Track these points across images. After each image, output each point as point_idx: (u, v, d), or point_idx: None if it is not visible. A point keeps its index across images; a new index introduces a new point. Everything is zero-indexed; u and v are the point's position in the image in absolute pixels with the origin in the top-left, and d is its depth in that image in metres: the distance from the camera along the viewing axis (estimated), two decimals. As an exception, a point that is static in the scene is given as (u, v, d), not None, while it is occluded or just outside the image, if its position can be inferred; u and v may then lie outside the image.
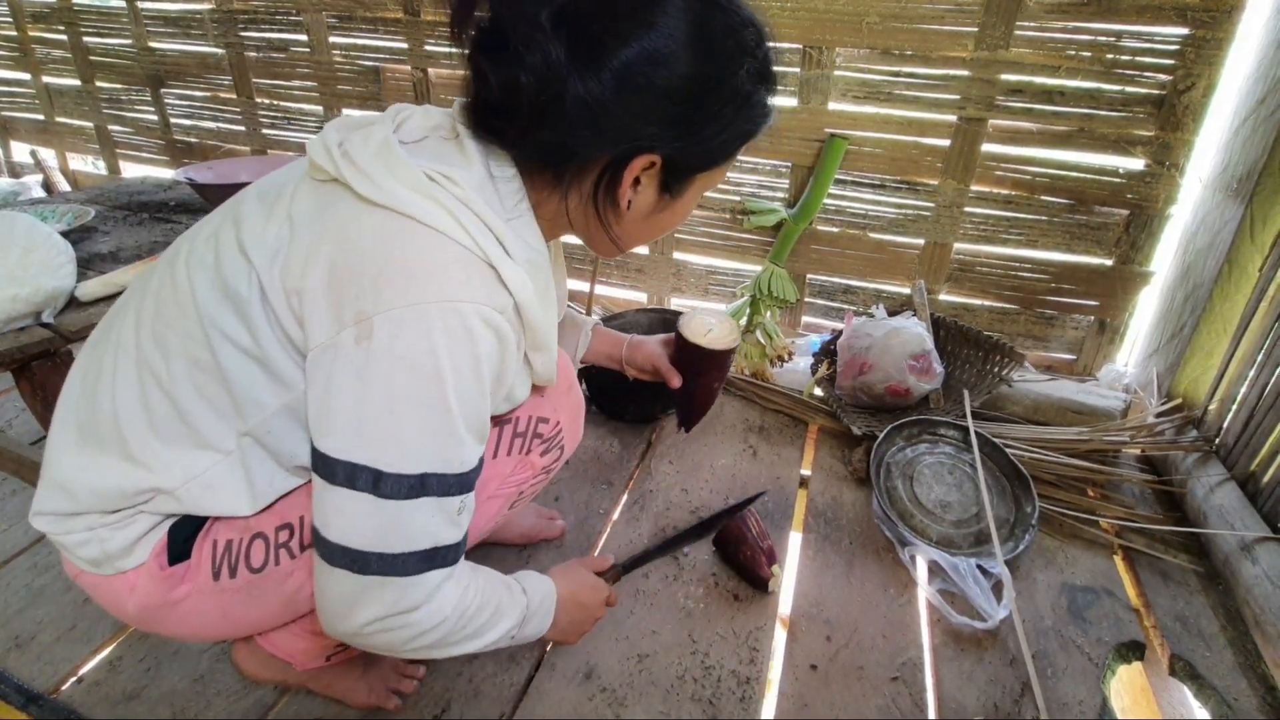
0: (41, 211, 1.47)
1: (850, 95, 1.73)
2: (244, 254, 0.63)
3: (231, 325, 0.63)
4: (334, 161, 0.63)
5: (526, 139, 0.64)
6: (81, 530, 0.68)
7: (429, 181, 0.61)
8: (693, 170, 0.69)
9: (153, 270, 0.72)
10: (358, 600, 0.61)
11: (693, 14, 0.60)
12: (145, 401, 0.65)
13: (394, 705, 0.94)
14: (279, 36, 2.28)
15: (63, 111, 2.87)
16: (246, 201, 0.68)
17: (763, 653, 1.04)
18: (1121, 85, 1.53)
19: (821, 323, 2.03)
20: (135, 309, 0.68)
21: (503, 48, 0.58)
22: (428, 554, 0.62)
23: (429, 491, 0.61)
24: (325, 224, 0.62)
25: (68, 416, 0.69)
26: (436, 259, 0.60)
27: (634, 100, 0.60)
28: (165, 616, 0.72)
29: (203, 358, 0.64)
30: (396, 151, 0.62)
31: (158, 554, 0.69)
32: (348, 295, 0.59)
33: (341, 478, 0.59)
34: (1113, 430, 1.47)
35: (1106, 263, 1.69)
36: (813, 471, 1.45)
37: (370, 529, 0.60)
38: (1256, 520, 1.18)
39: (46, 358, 1.08)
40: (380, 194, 0.60)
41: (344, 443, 0.59)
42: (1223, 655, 1.06)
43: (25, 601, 1.10)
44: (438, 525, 0.63)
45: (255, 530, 0.71)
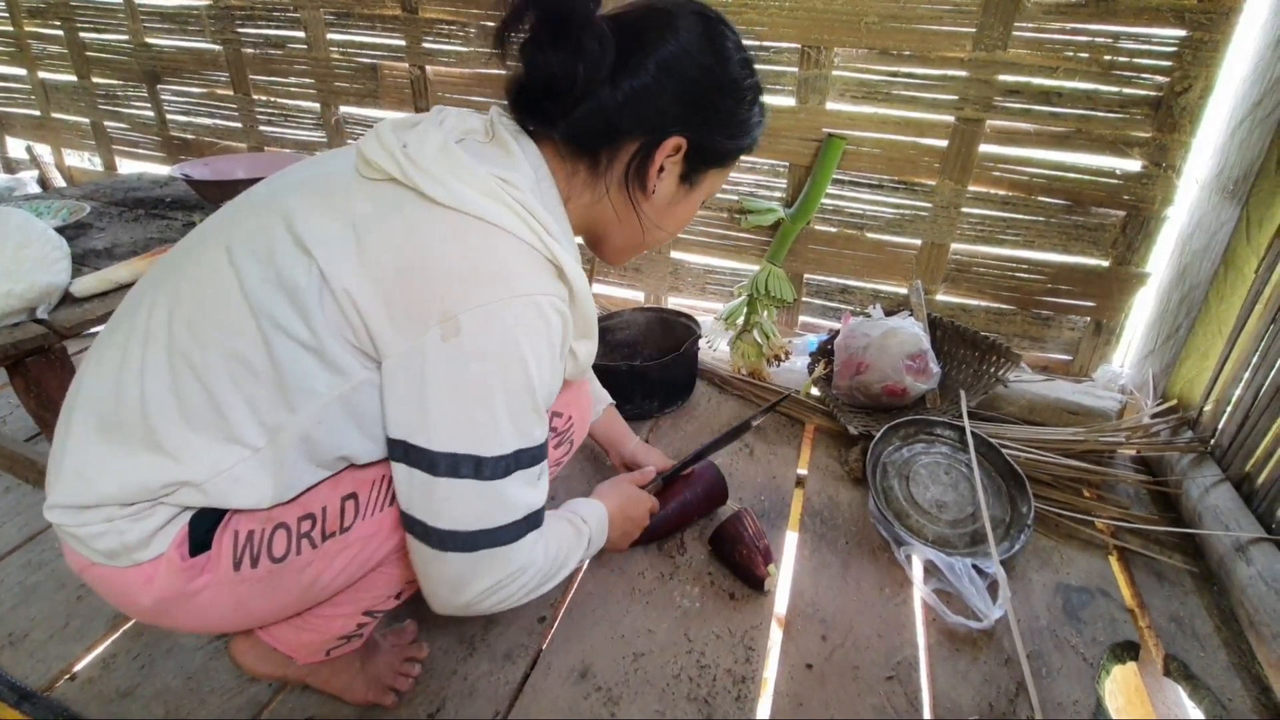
0: (37, 207, 1.46)
1: (848, 95, 1.73)
2: (303, 248, 0.64)
3: (286, 316, 0.64)
4: (398, 163, 0.66)
5: (576, 117, 0.71)
6: (99, 522, 0.66)
7: (496, 183, 0.66)
8: (708, 162, 0.78)
9: (173, 264, 0.71)
10: (471, 575, 0.69)
11: (706, 28, 0.72)
12: (178, 391, 0.65)
13: (391, 701, 0.94)
14: (276, 33, 2.27)
15: (59, 107, 2.85)
16: (291, 195, 0.68)
17: (758, 652, 1.04)
18: (1119, 86, 1.53)
19: (818, 322, 2.03)
20: (168, 299, 0.67)
21: (562, 42, 0.67)
22: (525, 520, 0.70)
23: (520, 465, 0.68)
24: (392, 226, 0.64)
25: (88, 406, 0.67)
26: (510, 257, 0.66)
27: (670, 85, 0.70)
28: (180, 608, 0.71)
29: (244, 349, 0.64)
30: (458, 154, 0.67)
31: (179, 545, 0.68)
32: (429, 296, 0.63)
33: (445, 469, 0.65)
34: (1108, 431, 1.47)
35: (1103, 264, 1.69)
36: (809, 471, 1.46)
37: (478, 510, 0.67)
38: (1251, 521, 1.19)
39: (41, 354, 1.07)
40: (450, 197, 0.64)
41: (445, 436, 0.64)
42: (1217, 655, 1.06)
43: (18, 599, 1.10)
44: (528, 493, 0.70)
45: (278, 520, 0.71)
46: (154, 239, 1.40)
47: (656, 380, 1.59)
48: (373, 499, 0.75)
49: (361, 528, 0.74)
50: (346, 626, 0.83)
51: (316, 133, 2.38)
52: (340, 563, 0.75)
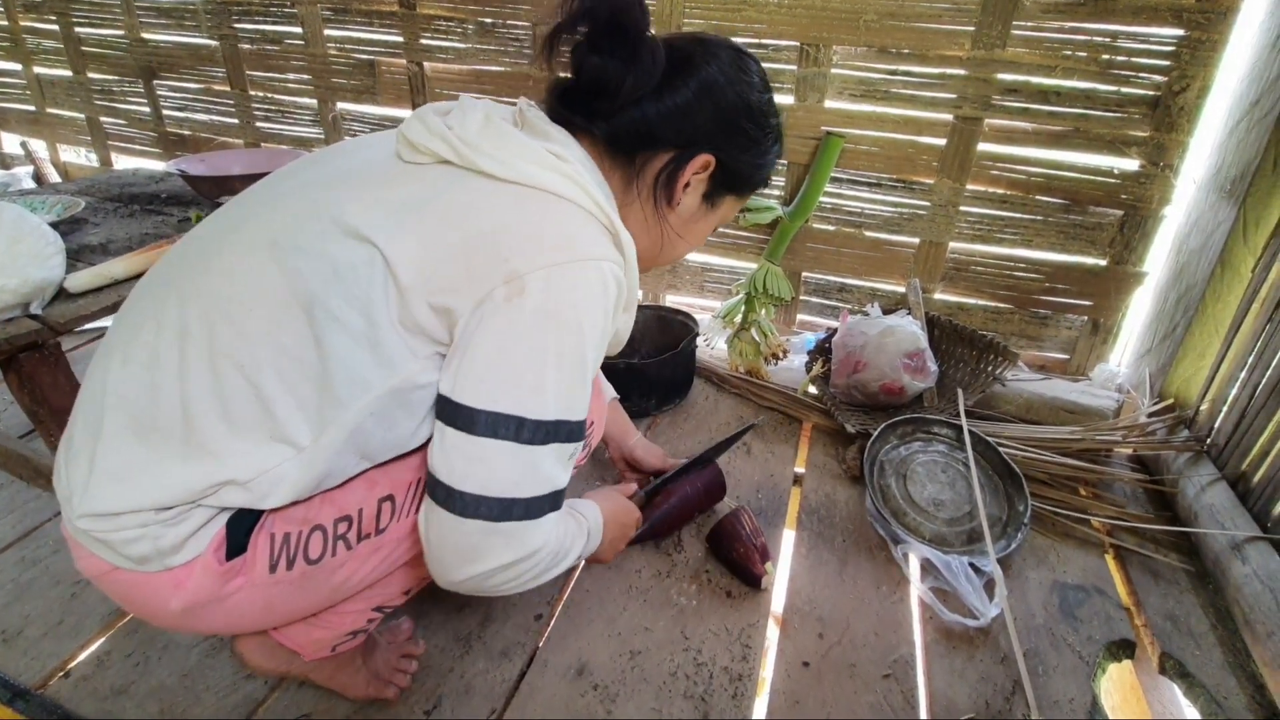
0: (31, 202, 1.45)
1: (847, 93, 1.73)
2: (359, 237, 0.63)
3: (341, 309, 0.63)
4: (450, 145, 0.68)
5: (619, 120, 0.74)
6: (133, 527, 0.64)
7: (550, 156, 0.68)
8: (729, 185, 0.82)
9: (198, 260, 0.68)
10: (487, 549, 0.66)
11: (742, 62, 0.77)
12: (220, 391, 0.63)
13: (393, 694, 0.94)
14: (273, 28, 2.26)
15: (54, 103, 2.84)
16: (333, 189, 0.68)
17: (755, 650, 1.04)
18: (1117, 86, 1.53)
19: (816, 321, 2.03)
20: (201, 297, 0.65)
21: (618, 51, 0.70)
22: (549, 497, 0.69)
23: (559, 437, 0.67)
24: (451, 203, 0.65)
25: (119, 407, 0.64)
26: (574, 222, 0.68)
27: (708, 106, 0.75)
28: (209, 611, 0.70)
29: (293, 345, 0.63)
30: (505, 128, 0.69)
31: (216, 548, 0.67)
32: (495, 259, 0.64)
33: (483, 427, 0.64)
34: (1105, 430, 1.48)
35: (1100, 263, 1.69)
36: (806, 469, 1.46)
37: (509, 476, 0.65)
38: (1247, 520, 1.19)
39: (35, 350, 1.06)
40: (507, 170, 0.67)
41: (490, 393, 0.64)
42: (1212, 654, 1.07)
43: (12, 596, 1.10)
44: (558, 469, 0.69)
45: (315, 522, 0.71)
46: (149, 235, 1.40)
47: (654, 378, 1.59)
48: (408, 501, 0.74)
49: (396, 529, 0.74)
50: (356, 622, 0.83)
51: (313, 129, 2.37)
52: (372, 564, 0.75)
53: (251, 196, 0.74)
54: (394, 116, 2.26)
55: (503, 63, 2.01)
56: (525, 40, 1.96)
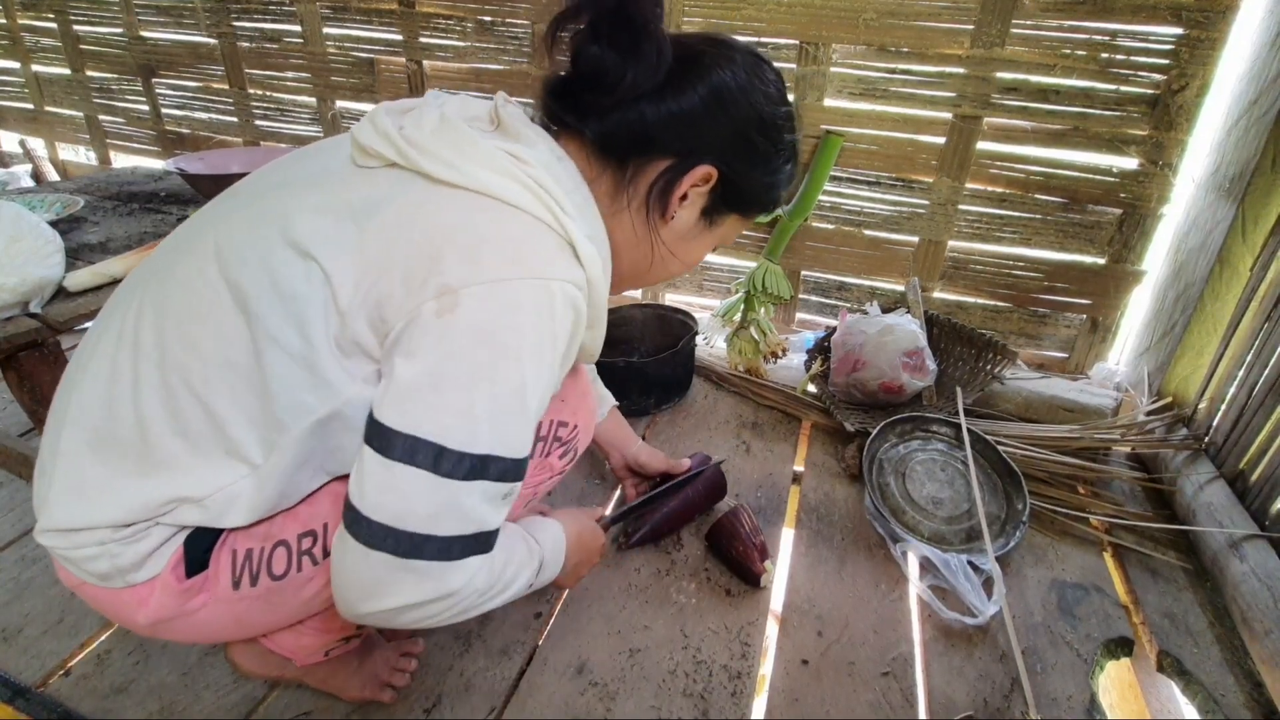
0: (30, 201, 1.45)
1: (846, 92, 1.73)
2: (300, 250, 0.60)
3: (278, 326, 0.60)
4: (396, 147, 0.63)
5: (614, 119, 0.68)
6: (91, 545, 0.63)
7: (506, 159, 0.62)
8: (732, 204, 0.75)
9: (161, 265, 0.67)
10: (393, 584, 0.59)
11: (761, 70, 0.71)
12: (173, 407, 0.61)
13: (389, 698, 0.94)
14: (272, 27, 2.26)
15: (52, 101, 2.83)
16: (284, 195, 0.64)
17: (754, 648, 1.04)
18: (1116, 84, 1.53)
19: (816, 319, 2.03)
20: (154, 308, 0.63)
21: (619, 41, 0.64)
22: (473, 539, 0.61)
23: (487, 475, 0.60)
24: (397, 210, 0.60)
25: (78, 421, 0.63)
26: (524, 235, 0.61)
27: (716, 113, 0.68)
28: (178, 625, 0.69)
29: (240, 360, 0.61)
30: (460, 127, 0.63)
31: (174, 566, 0.66)
32: (431, 270, 0.58)
33: (400, 452, 0.57)
34: (1103, 428, 1.48)
35: (1099, 261, 1.70)
36: (805, 467, 1.46)
37: (423, 509, 0.58)
38: (1245, 518, 1.19)
39: (34, 348, 1.06)
40: (458, 175, 0.61)
41: (411, 416, 0.58)
42: (1210, 651, 1.07)
43: (12, 595, 1.10)
44: (486, 510, 0.62)
45: (278, 538, 0.69)
46: (148, 233, 1.40)
47: (653, 377, 1.59)
48: None
49: None
50: (346, 628, 0.83)
51: (312, 127, 2.37)
52: None
53: (221, 200, 0.71)
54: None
55: (502, 61, 2.01)
56: (525, 38, 1.96)
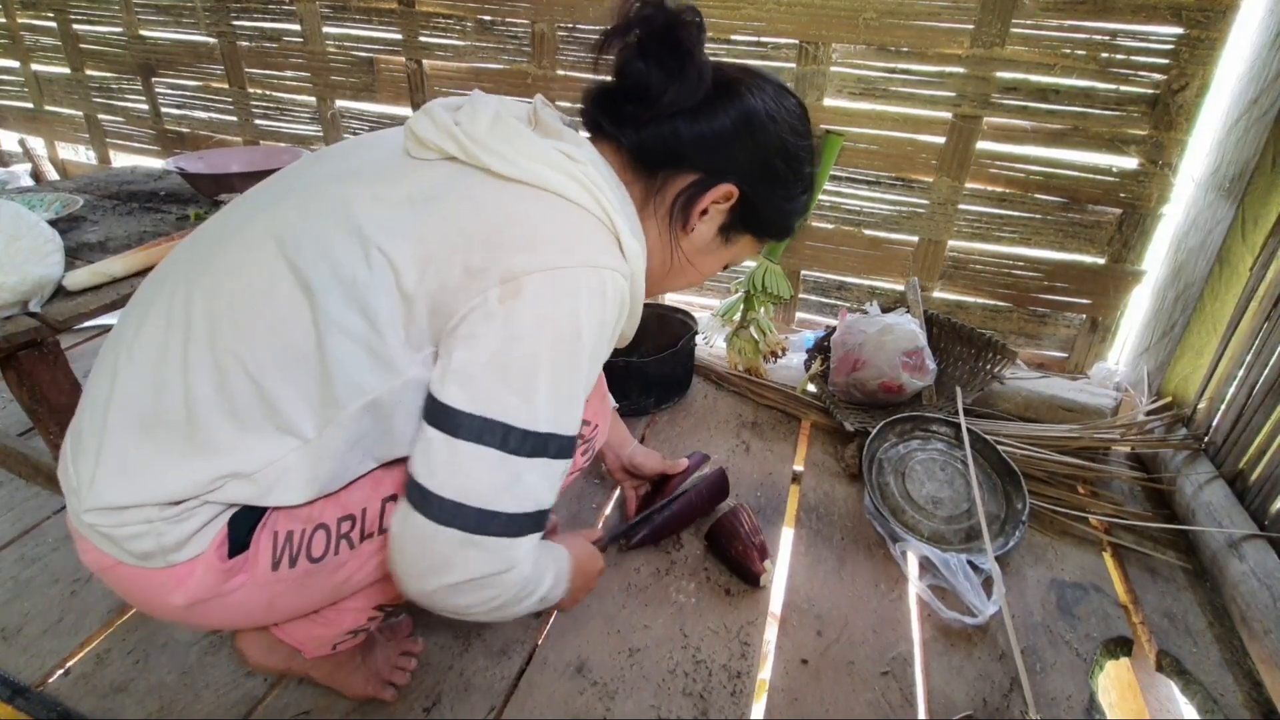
0: (29, 200, 1.45)
1: (846, 91, 1.73)
2: (364, 239, 0.62)
3: (341, 311, 0.62)
4: (457, 141, 0.66)
5: (649, 132, 0.73)
6: (138, 523, 0.64)
7: (560, 156, 0.67)
8: (749, 224, 0.80)
9: (209, 254, 0.67)
10: (457, 560, 0.63)
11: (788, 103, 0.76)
12: (225, 388, 0.63)
13: (390, 696, 0.94)
14: (272, 26, 2.26)
15: (52, 100, 2.83)
16: (343, 185, 0.67)
17: (754, 647, 1.04)
18: (1116, 84, 1.53)
19: (815, 319, 2.03)
20: (206, 293, 0.64)
21: (666, 62, 0.69)
22: (532, 516, 0.66)
23: (547, 452, 0.64)
24: (457, 200, 0.64)
25: (125, 403, 0.64)
26: (579, 227, 0.66)
27: (744, 137, 0.73)
28: (210, 608, 0.70)
29: (300, 342, 0.62)
30: (515, 125, 0.68)
31: (218, 546, 0.67)
32: (493, 259, 0.62)
33: (468, 432, 0.61)
34: (1103, 428, 1.48)
35: (1099, 261, 1.70)
36: (805, 467, 1.46)
37: (489, 486, 0.62)
38: (1244, 518, 1.19)
39: (33, 348, 1.06)
40: (517, 170, 0.65)
41: (479, 398, 0.61)
42: (1209, 651, 1.07)
43: (12, 594, 1.10)
44: (544, 488, 0.66)
45: (318, 521, 0.70)
46: (148, 232, 1.39)
47: (653, 376, 1.59)
48: None
49: None
50: (357, 620, 0.83)
51: (312, 127, 2.37)
52: (374, 563, 0.75)
53: (262, 191, 0.73)
54: (392, 114, 2.25)
55: (501, 60, 2.01)
56: (524, 38, 1.96)
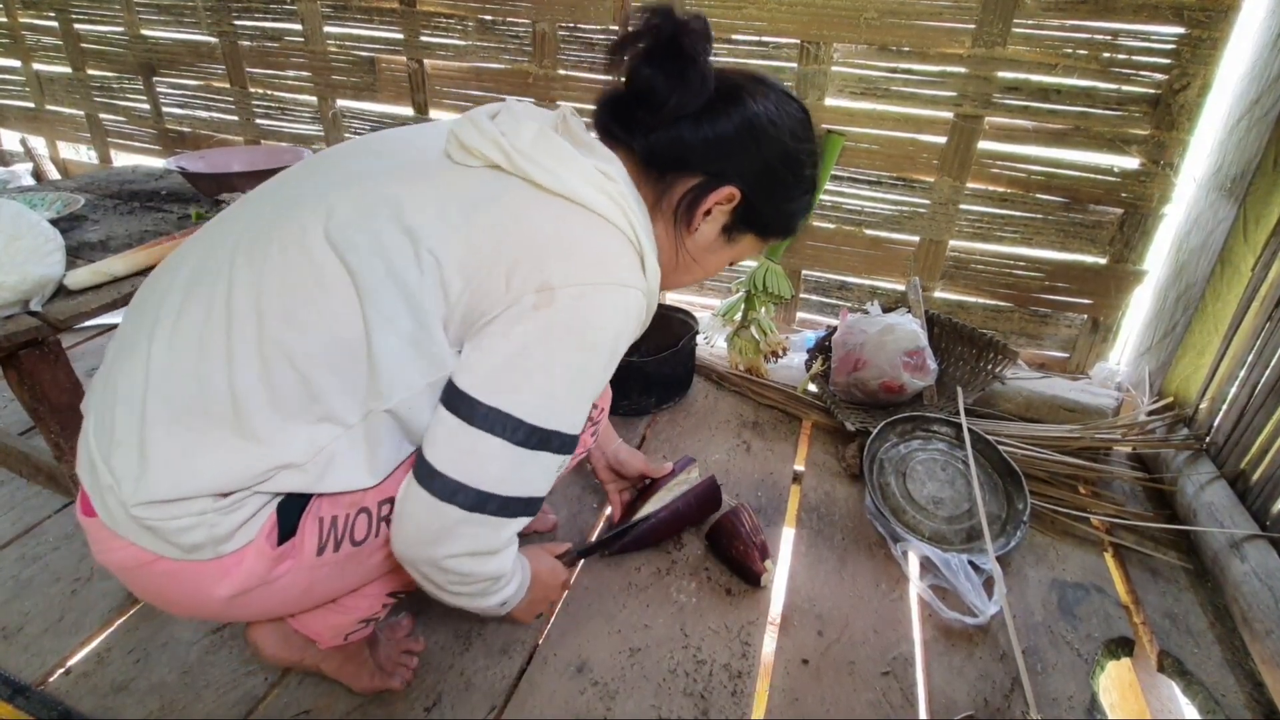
0: (30, 199, 1.45)
1: (847, 91, 1.73)
2: (413, 238, 0.64)
3: (392, 308, 0.64)
4: (503, 151, 0.69)
5: (656, 137, 0.75)
6: (189, 516, 0.64)
7: (599, 175, 0.70)
8: (752, 224, 0.82)
9: (248, 244, 0.67)
10: (453, 533, 0.67)
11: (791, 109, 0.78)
12: (269, 379, 0.64)
13: (398, 684, 0.95)
14: (273, 25, 2.26)
15: (53, 99, 2.83)
16: (391, 181, 0.68)
17: (754, 647, 1.04)
18: (1117, 84, 1.53)
19: (816, 319, 2.03)
20: (250, 284, 0.64)
21: (669, 68, 0.71)
22: (525, 502, 0.70)
23: (551, 447, 0.68)
24: (504, 210, 0.67)
25: (165, 394, 0.64)
26: (611, 246, 0.70)
27: (746, 142, 0.75)
28: (255, 597, 0.70)
29: (349, 336, 0.64)
30: (558, 141, 0.71)
31: (268, 534, 0.68)
32: (530, 268, 0.65)
33: (482, 420, 0.65)
34: (1104, 428, 1.48)
35: (1100, 261, 1.69)
36: (806, 467, 1.46)
37: (495, 472, 0.66)
38: (1246, 518, 1.19)
39: (34, 347, 1.06)
40: (557, 183, 0.68)
41: (499, 391, 0.65)
42: (1211, 651, 1.07)
43: (12, 593, 1.10)
44: (541, 478, 0.70)
45: (360, 504, 0.72)
46: (149, 232, 1.39)
47: (654, 376, 1.59)
48: None
49: None
50: (372, 607, 0.84)
51: (313, 126, 2.37)
52: None
53: (292, 185, 0.72)
54: (393, 114, 2.26)
55: (502, 60, 2.01)
56: (525, 37, 1.96)
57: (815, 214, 1.86)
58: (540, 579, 0.90)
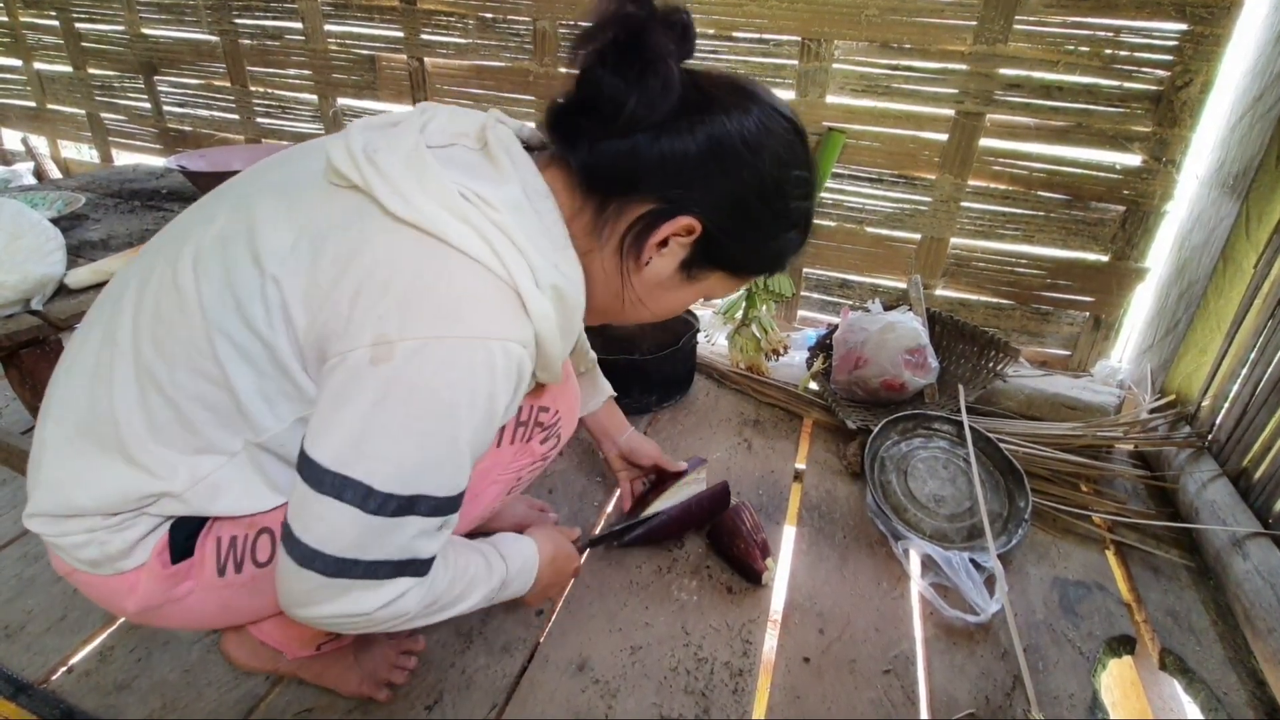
0: (32, 198, 1.45)
1: (848, 89, 1.72)
2: (260, 267, 0.59)
3: (245, 343, 0.60)
4: (359, 170, 0.61)
5: (603, 150, 0.64)
6: (80, 532, 0.65)
7: (462, 200, 0.59)
8: (718, 261, 0.70)
9: (147, 264, 0.66)
10: (321, 596, 0.60)
11: (776, 126, 0.66)
12: (145, 406, 0.62)
13: (385, 697, 0.93)
14: (273, 24, 2.26)
15: (54, 98, 2.84)
16: (261, 203, 0.63)
17: (756, 645, 1.04)
18: (1119, 81, 1.52)
19: (817, 317, 2.03)
20: (133, 307, 0.64)
21: (624, 68, 0.60)
22: (402, 564, 0.62)
23: (417, 511, 0.60)
24: (350, 240, 0.59)
25: (63, 414, 0.65)
26: (467, 288, 0.59)
27: (712, 164, 0.63)
28: (167, 613, 0.71)
29: (209, 369, 0.61)
30: (428, 162, 0.61)
31: (159, 553, 0.67)
32: (369, 312, 0.57)
33: (329, 487, 0.57)
34: (1106, 426, 1.48)
35: (1102, 259, 1.69)
36: (807, 465, 1.45)
37: (349, 538, 0.59)
38: (1248, 516, 1.19)
39: (35, 345, 1.06)
40: (411, 211, 0.58)
41: (339, 456, 0.57)
42: (1213, 650, 1.07)
43: (14, 591, 1.10)
44: (418, 541, 0.62)
45: (261, 525, 0.70)
46: (149, 231, 1.40)
47: (655, 374, 1.59)
48: None
49: None
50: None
51: (314, 125, 2.37)
52: None
53: (203, 202, 0.71)
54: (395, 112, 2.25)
55: (503, 58, 2.01)
56: (526, 35, 1.96)
57: (817, 212, 1.85)
58: (554, 564, 0.89)
